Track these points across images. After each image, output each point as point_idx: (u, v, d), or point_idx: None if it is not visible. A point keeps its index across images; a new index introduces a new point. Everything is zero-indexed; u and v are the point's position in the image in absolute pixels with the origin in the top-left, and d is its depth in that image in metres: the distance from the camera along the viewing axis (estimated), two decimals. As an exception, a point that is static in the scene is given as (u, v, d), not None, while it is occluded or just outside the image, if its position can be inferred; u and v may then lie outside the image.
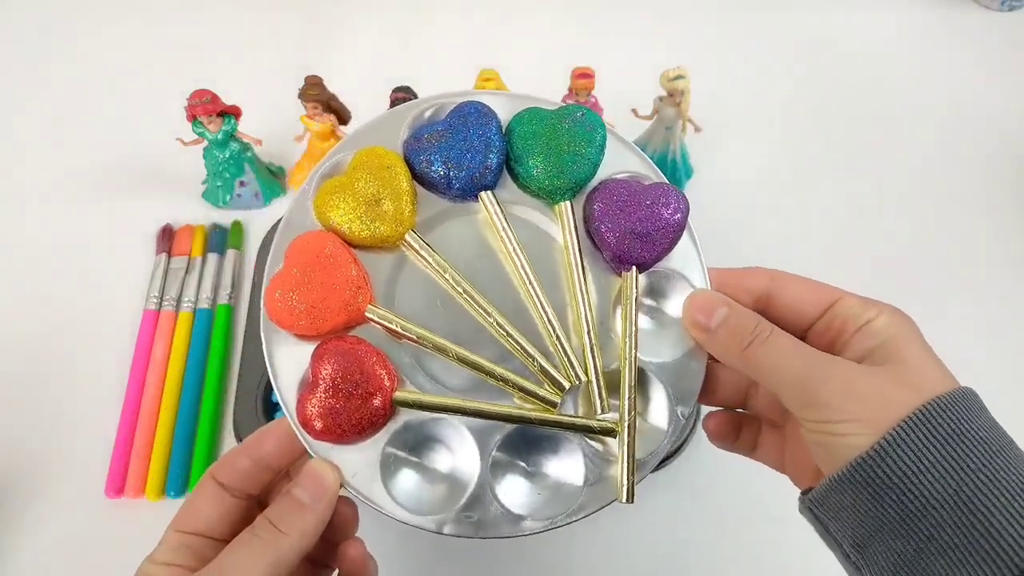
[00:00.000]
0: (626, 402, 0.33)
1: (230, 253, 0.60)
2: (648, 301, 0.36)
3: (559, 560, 0.49)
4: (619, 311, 0.34)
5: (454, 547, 0.49)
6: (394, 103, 0.55)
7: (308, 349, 0.32)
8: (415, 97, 0.55)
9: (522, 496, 0.33)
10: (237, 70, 0.72)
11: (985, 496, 0.26)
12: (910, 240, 0.62)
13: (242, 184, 0.60)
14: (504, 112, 0.35)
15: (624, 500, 0.32)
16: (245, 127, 0.58)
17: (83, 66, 0.73)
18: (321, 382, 0.31)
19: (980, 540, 0.26)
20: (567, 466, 0.33)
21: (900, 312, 0.32)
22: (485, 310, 0.33)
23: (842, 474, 0.28)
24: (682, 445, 0.51)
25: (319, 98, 0.55)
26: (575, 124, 0.35)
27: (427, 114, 0.36)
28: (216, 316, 0.57)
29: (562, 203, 0.35)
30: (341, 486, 0.32)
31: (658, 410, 0.34)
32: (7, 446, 0.52)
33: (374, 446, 0.32)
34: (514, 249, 0.34)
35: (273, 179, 0.63)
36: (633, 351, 0.33)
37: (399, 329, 0.33)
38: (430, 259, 0.34)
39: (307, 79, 0.55)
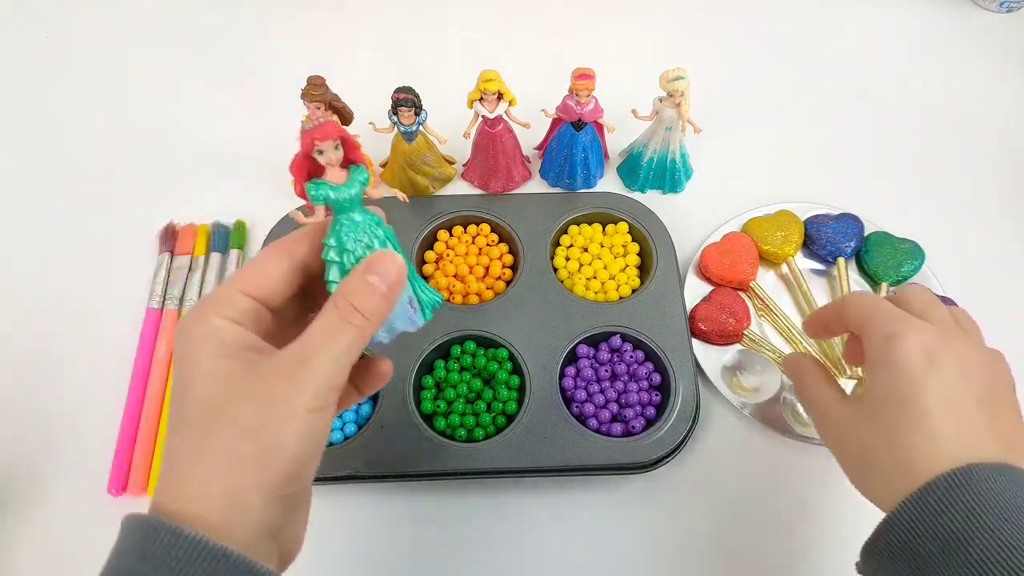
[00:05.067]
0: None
1: (233, 253, 0.60)
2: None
3: (559, 558, 0.50)
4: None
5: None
6: (396, 103, 0.56)
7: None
8: (417, 98, 0.56)
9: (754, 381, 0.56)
10: (239, 71, 0.73)
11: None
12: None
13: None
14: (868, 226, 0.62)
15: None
16: (247, 128, 0.59)
17: (84, 64, 0.73)
18: (714, 300, 0.57)
19: None
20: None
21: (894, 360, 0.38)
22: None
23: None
24: (682, 444, 0.51)
25: (322, 99, 0.55)
26: (909, 247, 0.59)
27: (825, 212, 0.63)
28: (219, 315, 0.57)
29: (884, 283, 0.59)
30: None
31: None
32: (10, 444, 0.52)
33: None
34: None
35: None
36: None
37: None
38: (801, 279, 0.60)
39: (309, 80, 0.55)
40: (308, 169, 0.34)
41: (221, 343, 0.30)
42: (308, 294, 0.35)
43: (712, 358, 0.56)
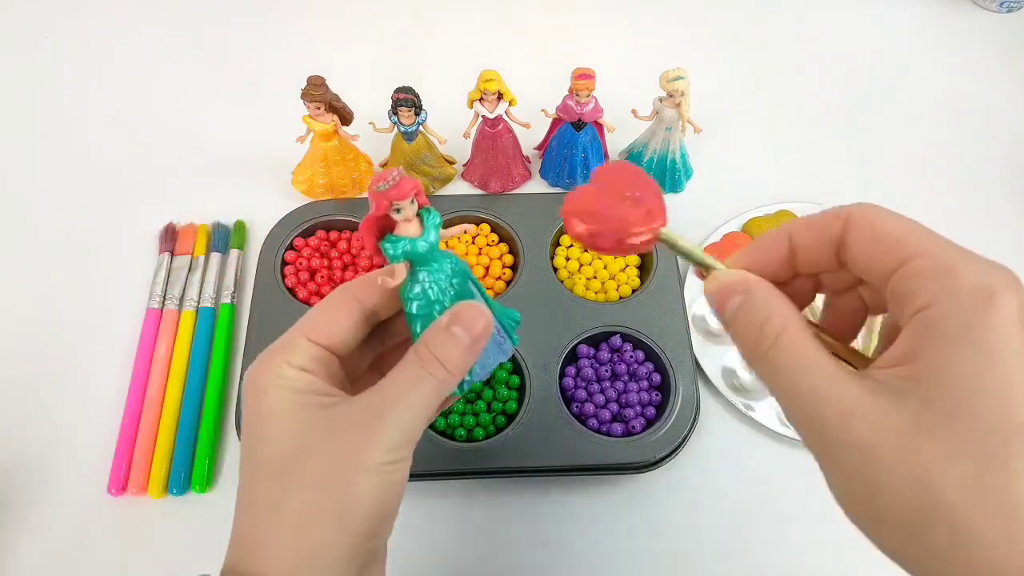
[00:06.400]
0: None
1: (233, 252, 0.60)
2: None
3: (559, 558, 0.50)
4: None
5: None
6: (396, 103, 0.56)
7: None
8: (417, 98, 0.56)
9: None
10: (239, 71, 0.73)
11: None
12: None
13: None
14: None
15: None
16: (247, 128, 0.59)
17: (84, 65, 0.74)
18: (597, 180, 0.30)
19: None
20: None
21: (996, 287, 0.22)
22: None
23: None
24: (682, 444, 0.51)
25: (322, 98, 0.55)
26: None
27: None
28: (219, 315, 0.57)
29: None
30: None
31: None
32: (10, 444, 0.52)
33: None
34: None
35: None
36: None
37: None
38: None
39: (309, 79, 0.55)
40: (379, 227, 0.32)
41: (293, 391, 0.29)
42: (373, 341, 0.34)
43: (712, 358, 0.56)
